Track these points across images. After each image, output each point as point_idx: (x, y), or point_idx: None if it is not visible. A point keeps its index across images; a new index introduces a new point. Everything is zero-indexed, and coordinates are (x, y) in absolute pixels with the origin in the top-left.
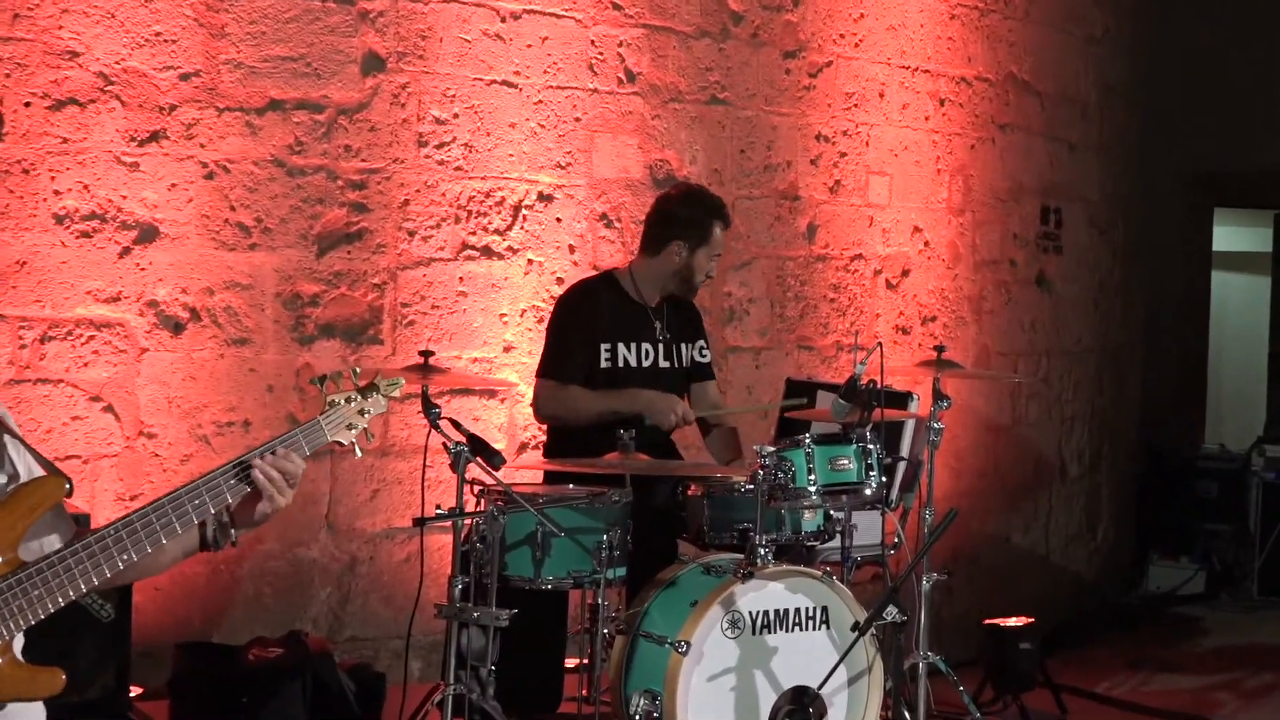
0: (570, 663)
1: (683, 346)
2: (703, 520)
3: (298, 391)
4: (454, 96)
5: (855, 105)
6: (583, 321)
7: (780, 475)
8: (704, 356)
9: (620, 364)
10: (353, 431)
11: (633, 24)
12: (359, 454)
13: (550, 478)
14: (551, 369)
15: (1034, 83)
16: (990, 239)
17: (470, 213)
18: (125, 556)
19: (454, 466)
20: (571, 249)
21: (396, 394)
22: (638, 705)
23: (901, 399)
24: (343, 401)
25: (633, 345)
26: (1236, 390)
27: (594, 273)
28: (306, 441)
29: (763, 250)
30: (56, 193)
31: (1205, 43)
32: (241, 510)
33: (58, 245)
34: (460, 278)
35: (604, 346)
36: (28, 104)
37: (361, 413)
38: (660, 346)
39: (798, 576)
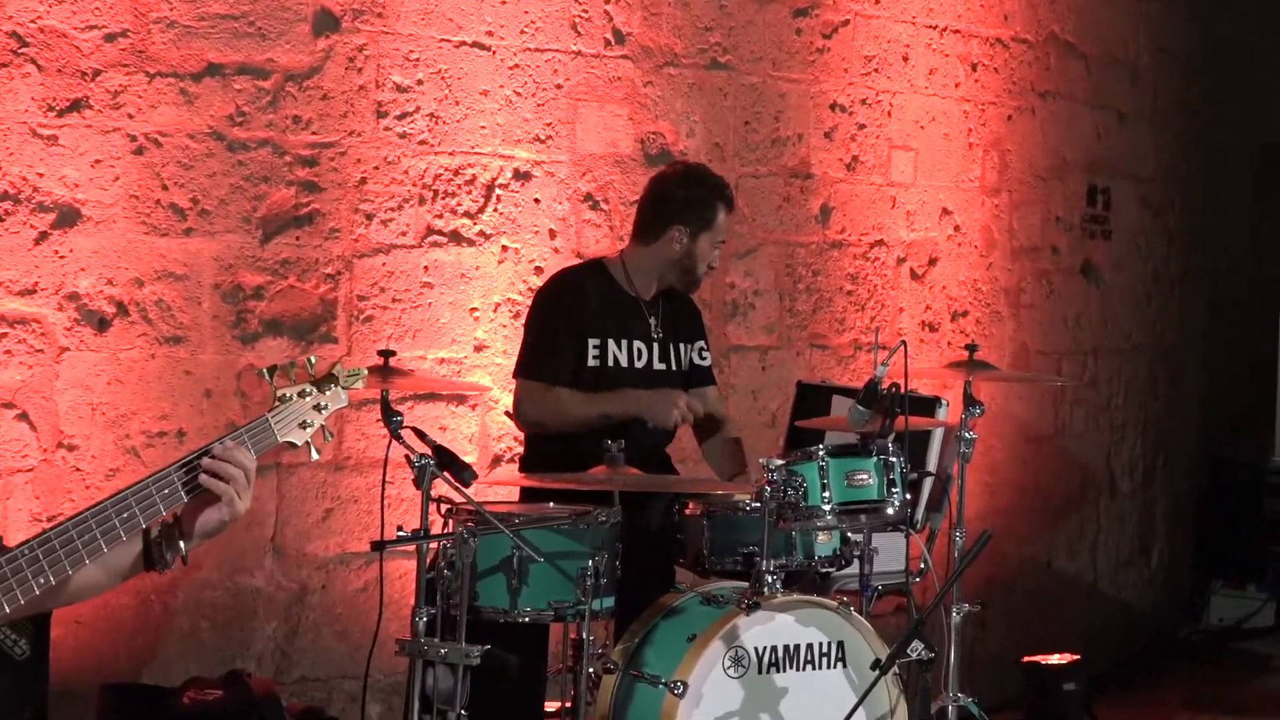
0: (551, 706)
1: (680, 347)
2: (702, 543)
3: (240, 397)
4: (418, 60)
5: (875, 70)
6: (567, 314)
7: (790, 492)
8: (704, 359)
9: (610, 362)
10: (307, 430)
11: None
12: (315, 456)
13: (528, 495)
14: (534, 368)
15: (1078, 44)
16: (1029, 222)
17: (436, 193)
18: (42, 580)
19: (418, 482)
20: (552, 234)
21: (359, 385)
22: None
23: (928, 405)
24: (295, 396)
25: (624, 343)
26: None
27: (579, 261)
28: (253, 442)
29: (770, 235)
30: None
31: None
32: (190, 520)
33: None
34: (425, 267)
35: (592, 342)
36: None
37: (318, 408)
38: (655, 346)
39: (810, 607)
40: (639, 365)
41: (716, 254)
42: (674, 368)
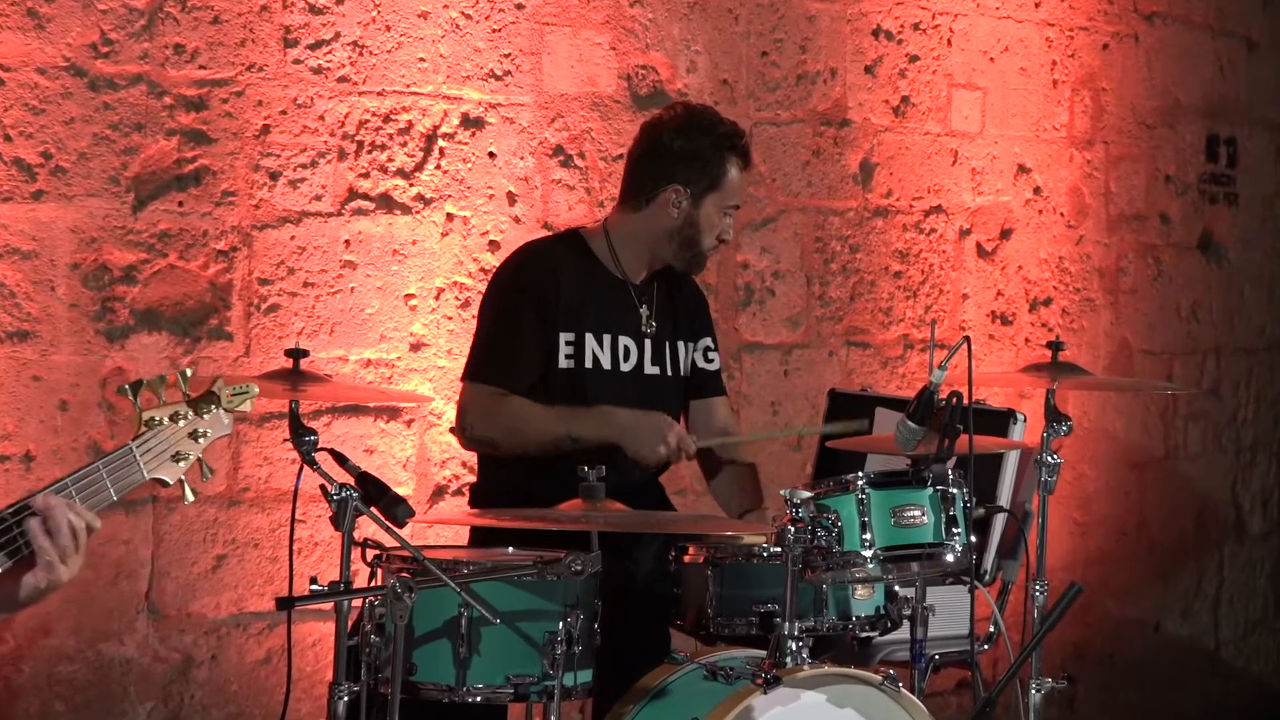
0: None
1: (680, 346)
2: (706, 600)
3: (105, 409)
4: None
5: None
6: (533, 300)
7: (820, 533)
8: (710, 362)
9: (588, 363)
10: (182, 464)
11: None
12: (190, 499)
13: (480, 537)
14: (487, 370)
15: None
16: (1132, 183)
17: (361, 145)
18: None
19: (337, 521)
20: (512, 198)
21: (248, 408)
22: None
23: (1000, 421)
24: (166, 420)
25: (606, 339)
26: None
27: (547, 233)
28: (113, 480)
29: (794, 200)
30: None
31: None
32: (2, 585)
33: None
34: (346, 241)
35: (564, 338)
36: None
37: (194, 436)
38: (647, 344)
39: (846, 683)
40: (625, 368)
41: (728, 223)
42: (671, 372)
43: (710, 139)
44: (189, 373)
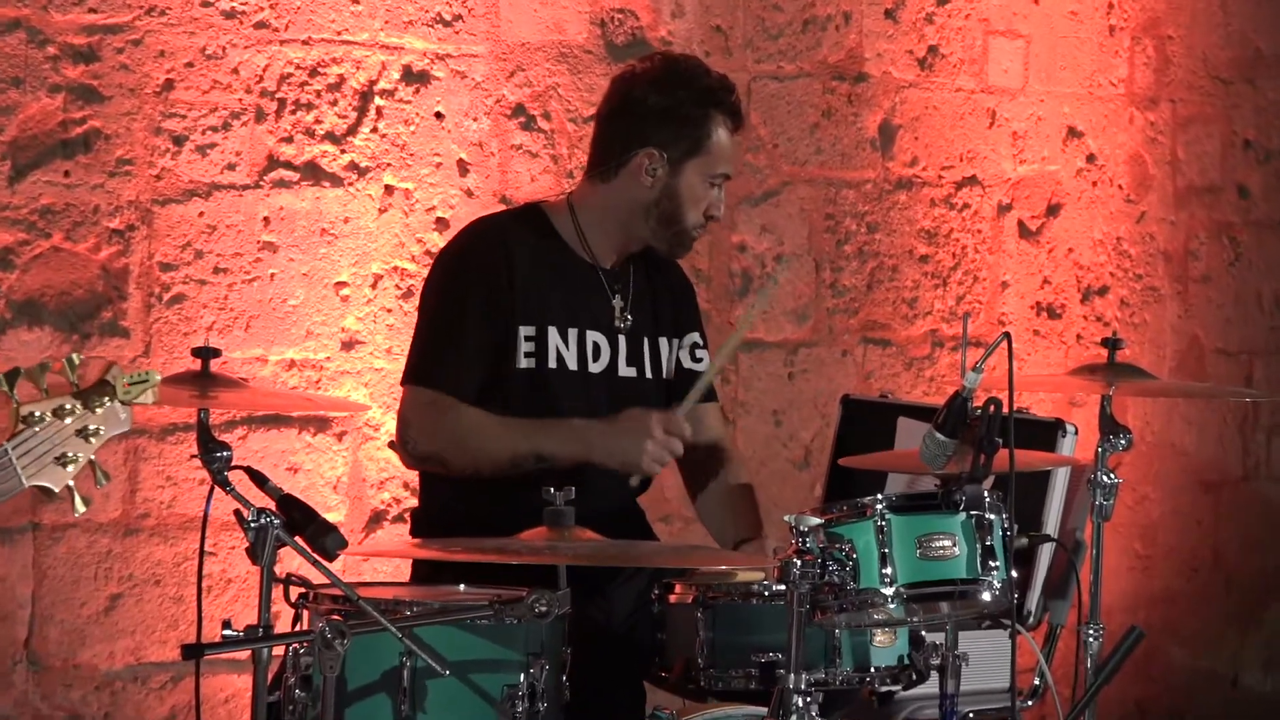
0: None
1: (661, 343)
2: (696, 647)
3: None
4: None
5: None
6: (486, 288)
7: (832, 568)
8: (698, 361)
9: (552, 363)
10: (70, 469)
11: None
12: (80, 509)
13: (426, 572)
14: (431, 372)
15: None
16: (1204, 149)
17: (284, 104)
18: None
19: (254, 553)
20: (464, 167)
21: (149, 399)
22: None
23: (1046, 433)
24: (49, 415)
25: (572, 334)
26: None
27: (504, 208)
28: None
29: (801, 170)
30: None
31: None
32: None
33: None
34: (265, 219)
35: (523, 332)
36: None
37: (84, 434)
38: (622, 340)
39: None
40: (595, 369)
41: (717, 196)
42: (650, 374)
43: (691, 93)
44: (76, 358)
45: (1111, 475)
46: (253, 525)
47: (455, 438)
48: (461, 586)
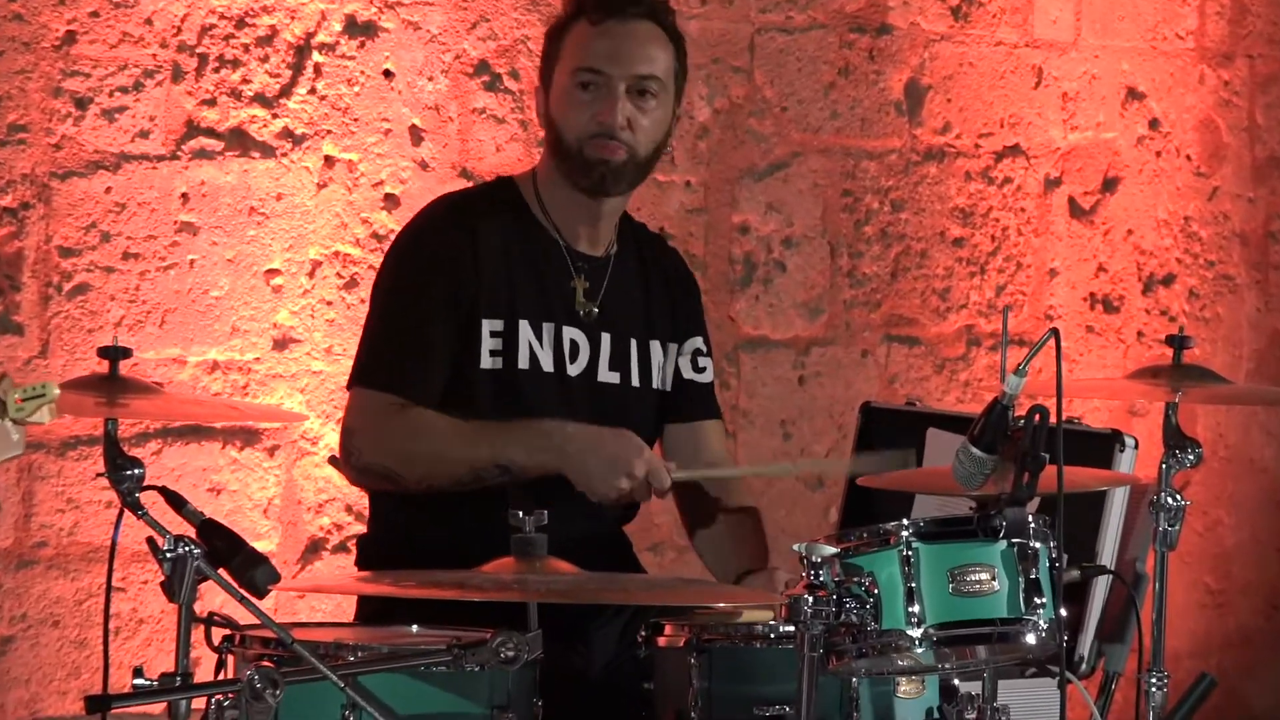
0: None
1: (653, 347)
2: (689, 699)
3: None
4: None
5: None
6: (446, 276)
7: (850, 605)
8: (701, 371)
9: (523, 363)
10: None
11: None
12: None
13: (374, 610)
14: (381, 373)
15: None
16: None
17: (205, 60)
18: None
19: (171, 589)
20: (417, 134)
21: (45, 417)
22: None
23: (1101, 447)
24: None
25: (546, 329)
26: None
27: (468, 185)
28: None
29: (813, 138)
30: None
31: None
32: None
33: None
34: (184, 195)
35: (489, 327)
36: None
37: None
38: (605, 339)
39: None
40: (572, 371)
41: (591, 98)
42: (638, 382)
43: (566, 3)
44: None
45: (1178, 496)
46: (169, 556)
47: (406, 445)
48: (415, 628)
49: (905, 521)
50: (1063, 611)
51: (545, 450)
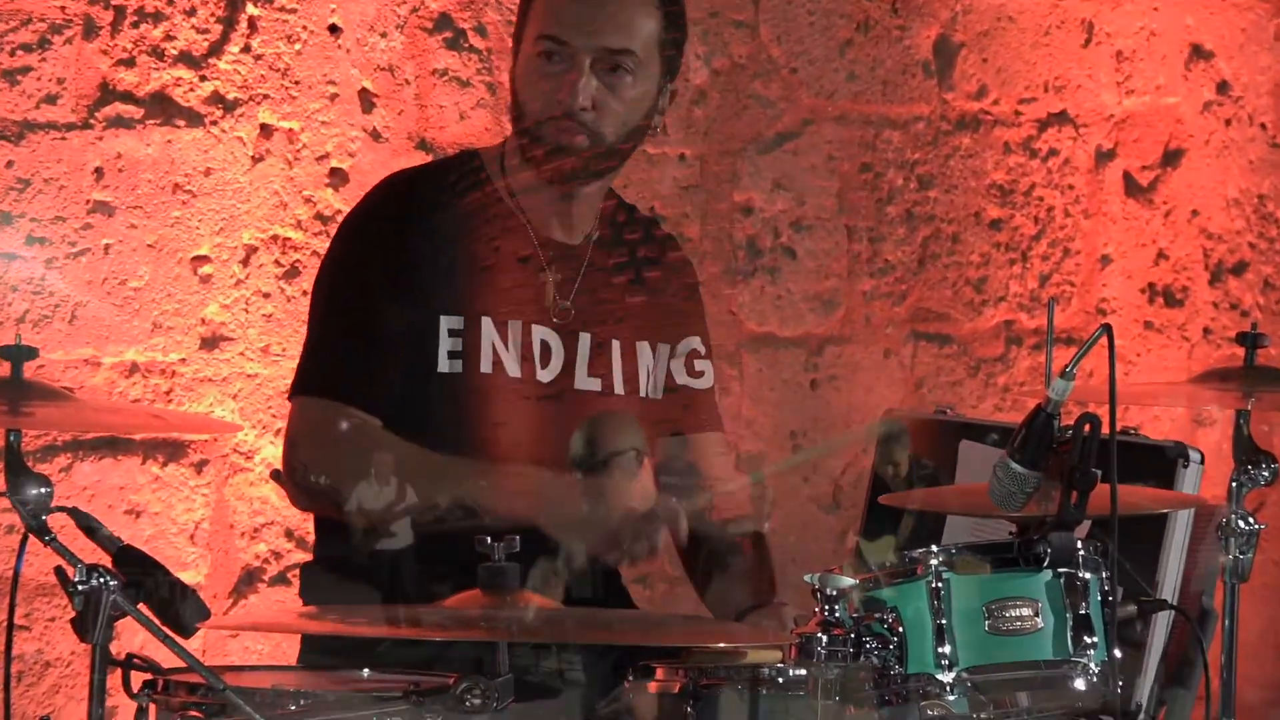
0: None
1: (641, 351)
2: None
3: None
4: None
5: None
6: (399, 268)
7: (871, 644)
8: (698, 375)
9: (485, 366)
10: None
11: None
12: None
13: (318, 651)
14: (328, 378)
15: None
16: None
17: (121, 13)
18: None
19: (82, 626)
20: (368, 100)
21: None
22: None
23: (1162, 461)
24: None
25: (513, 329)
26: None
27: (426, 159)
28: None
29: (828, 104)
30: None
31: None
32: None
33: None
34: (98, 170)
35: (447, 325)
36: None
37: None
38: (584, 340)
39: None
40: (544, 376)
41: (553, 70)
42: (622, 390)
43: None
44: None
45: (1251, 520)
46: (80, 588)
47: (354, 465)
48: (366, 672)
49: (934, 549)
50: (1117, 653)
51: (522, 500)
